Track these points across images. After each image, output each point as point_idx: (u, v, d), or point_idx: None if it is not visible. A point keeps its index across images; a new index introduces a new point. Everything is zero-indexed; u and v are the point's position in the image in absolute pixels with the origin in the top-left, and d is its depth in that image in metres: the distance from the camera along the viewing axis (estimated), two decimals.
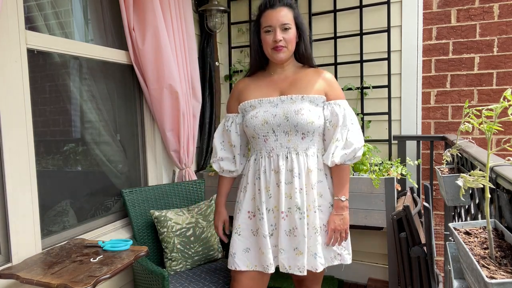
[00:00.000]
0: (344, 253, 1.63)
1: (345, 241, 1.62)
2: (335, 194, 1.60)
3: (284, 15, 1.54)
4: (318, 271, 1.55)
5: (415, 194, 2.46)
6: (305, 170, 1.54)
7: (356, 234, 2.70)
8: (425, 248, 1.81)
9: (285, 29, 1.54)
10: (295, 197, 1.52)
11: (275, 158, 1.55)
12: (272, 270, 1.54)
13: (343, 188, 1.59)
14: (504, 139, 2.64)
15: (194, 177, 2.50)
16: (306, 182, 1.53)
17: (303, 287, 1.78)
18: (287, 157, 1.54)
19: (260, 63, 1.67)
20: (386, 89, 2.62)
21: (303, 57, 1.65)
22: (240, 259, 1.59)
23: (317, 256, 1.54)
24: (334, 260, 1.62)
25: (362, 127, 2.68)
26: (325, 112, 1.57)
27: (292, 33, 1.56)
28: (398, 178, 2.30)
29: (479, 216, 1.40)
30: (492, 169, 1.10)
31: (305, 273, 1.52)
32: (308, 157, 1.55)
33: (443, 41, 2.81)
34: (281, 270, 1.56)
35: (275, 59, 1.58)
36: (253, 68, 1.69)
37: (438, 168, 1.65)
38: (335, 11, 2.72)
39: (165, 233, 1.99)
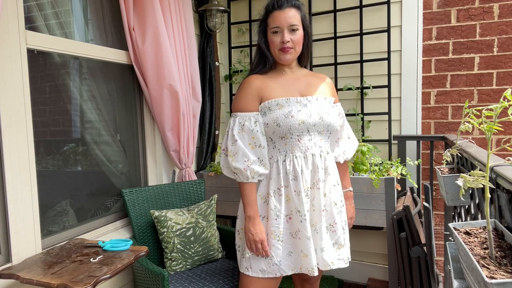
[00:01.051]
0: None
1: None
2: (345, 186, 1.75)
3: (292, 16, 1.53)
4: None
5: (415, 194, 2.47)
6: (332, 168, 1.61)
7: (356, 234, 2.70)
8: (425, 248, 1.82)
9: (292, 30, 1.53)
10: (330, 193, 1.57)
11: (311, 157, 1.54)
12: (316, 272, 1.51)
13: (348, 179, 1.80)
14: (504, 139, 2.64)
15: (194, 177, 2.50)
16: (334, 179, 1.62)
17: (306, 284, 1.80)
18: (320, 156, 1.56)
19: (273, 62, 1.61)
20: (386, 89, 2.62)
21: (303, 58, 1.65)
22: (285, 265, 1.55)
23: None
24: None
25: (362, 127, 2.69)
26: None
27: (300, 34, 1.55)
28: (398, 178, 2.29)
29: (479, 216, 1.40)
30: (492, 169, 1.10)
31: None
32: (329, 155, 1.62)
33: (443, 41, 2.80)
34: (323, 268, 1.54)
35: (282, 60, 1.57)
36: (267, 67, 1.61)
37: (438, 168, 1.65)
38: (335, 11, 2.72)
39: (165, 233, 1.99)
